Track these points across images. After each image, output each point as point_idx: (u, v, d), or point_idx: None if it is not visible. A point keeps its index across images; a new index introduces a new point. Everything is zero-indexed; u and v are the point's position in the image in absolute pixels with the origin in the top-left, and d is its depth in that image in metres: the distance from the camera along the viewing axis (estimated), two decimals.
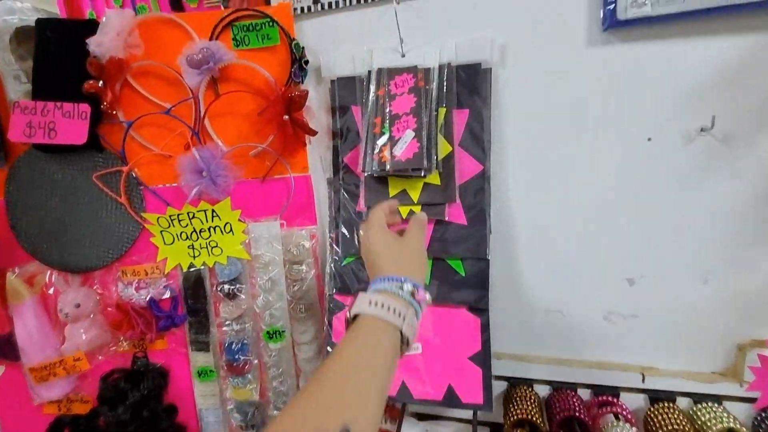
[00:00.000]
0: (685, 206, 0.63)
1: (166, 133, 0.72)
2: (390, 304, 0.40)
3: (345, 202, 0.71)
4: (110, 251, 0.73)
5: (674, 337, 0.68)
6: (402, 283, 0.42)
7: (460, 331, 0.67)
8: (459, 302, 0.67)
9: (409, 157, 0.64)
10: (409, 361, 0.67)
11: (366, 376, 0.36)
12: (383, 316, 0.39)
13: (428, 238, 0.68)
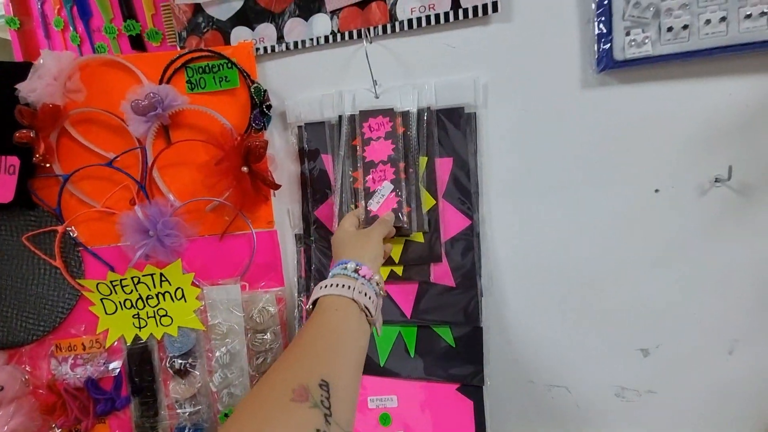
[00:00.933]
0: (703, 266, 0.55)
1: (110, 186, 0.63)
2: (338, 282, 0.43)
3: (317, 261, 0.63)
4: (42, 323, 0.63)
5: (697, 416, 0.58)
6: (346, 264, 0.46)
7: (450, 416, 0.57)
8: (449, 378, 0.57)
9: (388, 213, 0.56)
10: None
11: (335, 339, 0.39)
12: (334, 291, 0.42)
13: (412, 303, 0.59)
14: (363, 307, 0.42)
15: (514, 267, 0.60)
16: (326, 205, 0.63)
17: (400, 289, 0.60)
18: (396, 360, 0.59)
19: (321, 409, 0.31)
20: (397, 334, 0.60)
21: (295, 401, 0.30)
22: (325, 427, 0.30)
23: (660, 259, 0.56)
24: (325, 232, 0.63)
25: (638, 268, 0.57)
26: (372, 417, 0.59)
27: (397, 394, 0.59)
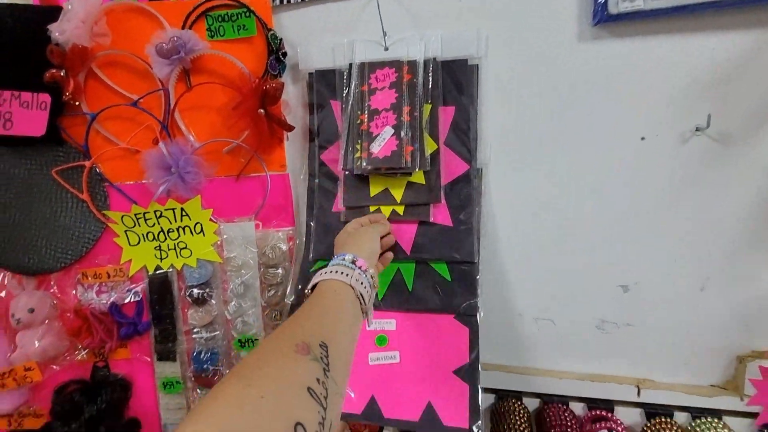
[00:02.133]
0: (681, 209, 0.60)
1: (133, 126, 0.67)
2: (336, 269, 0.47)
3: (321, 201, 0.67)
4: (69, 252, 0.68)
5: (671, 347, 0.64)
6: (344, 256, 0.49)
7: (446, 341, 0.61)
8: (444, 309, 0.61)
9: (387, 155, 0.60)
10: (383, 372, 0.60)
11: (333, 314, 0.42)
12: (333, 277, 0.46)
13: (412, 240, 0.63)
14: (358, 294, 0.46)
15: (508, 209, 0.65)
16: (333, 149, 0.66)
17: (400, 227, 0.64)
18: (394, 294, 0.63)
19: (320, 363, 0.33)
20: (396, 270, 0.63)
21: (298, 353, 0.33)
22: (324, 378, 0.32)
23: (642, 202, 0.61)
24: (329, 175, 0.66)
25: (622, 211, 0.62)
26: (369, 338, 0.63)
27: (396, 319, 0.63)
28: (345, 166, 0.63)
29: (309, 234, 0.67)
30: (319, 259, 0.65)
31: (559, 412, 0.62)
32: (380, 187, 0.64)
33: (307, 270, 0.65)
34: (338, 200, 0.66)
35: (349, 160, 0.62)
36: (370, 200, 0.64)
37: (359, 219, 0.60)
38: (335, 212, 0.66)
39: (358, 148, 0.61)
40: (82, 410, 0.66)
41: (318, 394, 0.31)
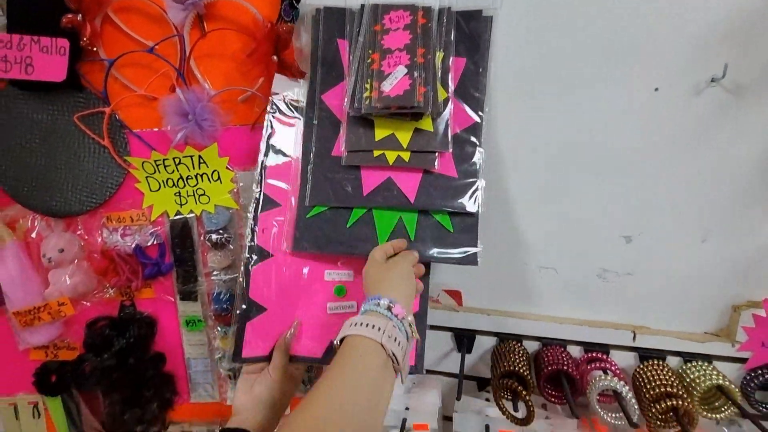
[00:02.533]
0: (689, 162, 0.61)
1: (150, 73, 0.68)
2: (369, 321, 0.43)
3: (319, 145, 0.64)
4: (94, 196, 0.71)
5: (669, 296, 0.67)
6: (379, 300, 0.46)
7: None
8: (445, 260, 0.61)
9: (399, 94, 0.58)
10: (341, 320, 0.55)
11: (350, 393, 0.40)
12: (363, 332, 0.43)
13: (416, 189, 0.62)
14: (390, 353, 0.42)
15: (515, 160, 0.66)
16: (335, 90, 0.64)
17: (404, 175, 0.62)
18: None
19: None
20: (398, 218, 0.62)
21: None
22: None
23: (651, 154, 0.62)
24: (330, 117, 0.64)
25: (630, 162, 0.62)
26: (328, 289, 0.63)
27: (353, 270, 0.63)
28: (352, 106, 0.61)
29: (305, 179, 0.63)
30: (317, 204, 0.62)
31: (557, 352, 0.65)
32: (386, 132, 0.62)
33: (304, 216, 0.63)
34: (339, 144, 0.63)
35: (357, 100, 0.60)
36: (375, 144, 0.62)
37: (383, 247, 0.57)
38: (335, 156, 0.63)
39: (368, 87, 0.59)
40: (112, 343, 0.71)
41: None
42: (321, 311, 0.62)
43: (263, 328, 0.60)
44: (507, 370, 0.62)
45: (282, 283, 0.62)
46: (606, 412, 0.62)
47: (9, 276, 0.72)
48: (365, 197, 0.61)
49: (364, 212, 0.61)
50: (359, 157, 0.62)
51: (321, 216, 0.62)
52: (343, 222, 0.61)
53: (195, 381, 0.81)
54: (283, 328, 0.60)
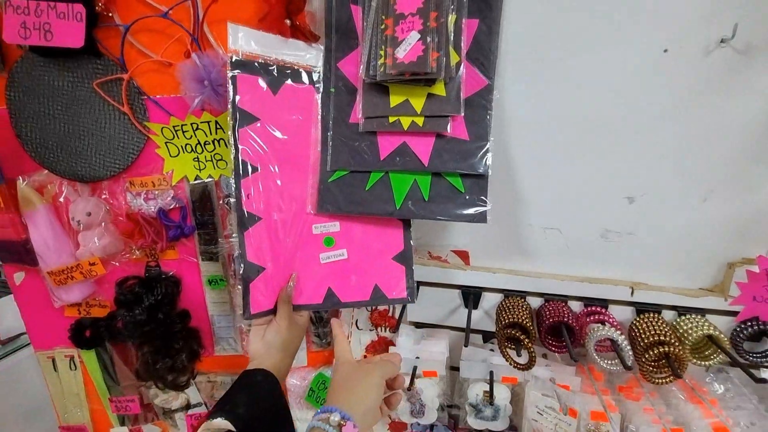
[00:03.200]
0: (695, 124, 0.62)
1: (165, 39, 0.69)
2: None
3: (337, 112, 0.67)
4: (117, 161, 0.74)
5: (667, 254, 0.70)
6: (329, 413, 0.45)
7: (384, 235, 0.69)
8: (457, 218, 0.64)
9: (413, 60, 0.60)
10: (335, 267, 0.68)
11: None
12: None
13: (429, 152, 0.65)
14: None
15: (521, 124, 0.67)
16: (351, 57, 0.65)
17: (418, 140, 0.64)
18: (410, 204, 0.65)
19: None
20: (413, 181, 0.65)
21: None
22: None
23: (658, 116, 0.63)
24: (346, 84, 0.66)
25: (636, 124, 0.64)
26: (318, 241, 0.68)
27: (340, 221, 0.68)
28: (367, 73, 0.62)
29: (326, 145, 0.67)
30: (338, 169, 0.66)
31: (558, 306, 0.70)
32: (401, 98, 0.64)
33: (326, 180, 0.66)
34: (356, 110, 0.66)
35: (372, 67, 0.62)
36: (390, 110, 0.64)
37: (372, 359, 0.59)
38: (352, 123, 0.66)
39: (382, 54, 0.61)
40: (142, 299, 0.76)
41: None
42: (315, 262, 0.68)
43: (265, 285, 0.65)
44: (511, 321, 0.66)
45: (274, 242, 0.66)
46: (602, 359, 0.66)
47: (41, 238, 0.76)
48: (382, 161, 0.64)
49: (381, 175, 0.65)
50: (375, 123, 0.64)
51: (341, 180, 0.66)
52: (362, 185, 0.65)
53: (218, 335, 0.87)
54: (282, 283, 0.66)
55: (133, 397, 0.92)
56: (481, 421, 0.73)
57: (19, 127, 0.73)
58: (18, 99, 0.72)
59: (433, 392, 0.72)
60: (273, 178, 0.66)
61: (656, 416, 0.62)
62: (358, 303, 0.70)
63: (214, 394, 0.93)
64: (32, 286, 0.84)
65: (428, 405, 0.73)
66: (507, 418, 0.72)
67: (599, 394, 0.66)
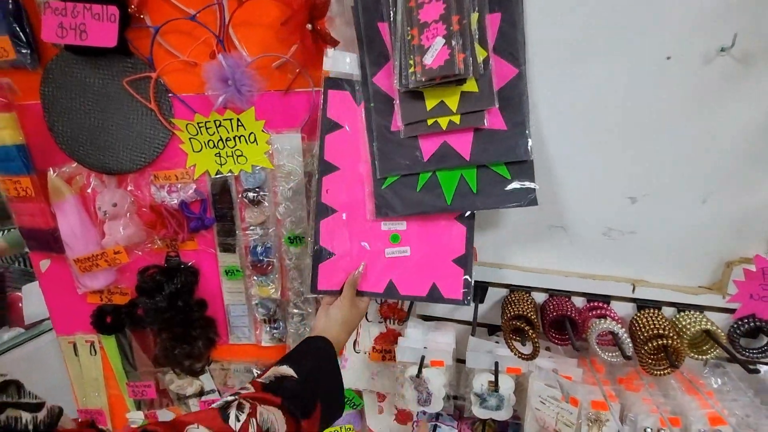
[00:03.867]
0: (695, 128, 0.65)
1: (192, 40, 0.73)
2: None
3: (379, 123, 0.70)
4: (143, 155, 0.78)
5: (668, 253, 0.73)
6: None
7: (447, 237, 0.71)
8: (510, 203, 0.67)
9: (441, 64, 0.62)
10: (398, 262, 0.72)
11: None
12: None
13: (470, 147, 0.67)
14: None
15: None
16: (384, 71, 0.69)
17: (457, 137, 0.67)
18: (462, 198, 0.68)
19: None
20: (459, 176, 0.68)
21: None
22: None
23: (660, 120, 0.66)
24: (383, 97, 0.69)
25: (640, 126, 0.67)
26: (385, 237, 0.73)
27: (406, 221, 0.72)
28: (401, 83, 0.66)
29: (373, 155, 0.70)
30: (388, 175, 0.70)
31: (562, 301, 0.72)
32: (436, 100, 0.67)
33: (380, 187, 0.71)
34: (396, 119, 0.69)
35: (404, 77, 0.65)
36: (428, 113, 0.67)
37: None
38: (394, 131, 0.69)
39: (412, 63, 0.64)
40: (163, 288, 0.80)
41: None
42: (380, 255, 0.73)
43: (332, 269, 0.74)
44: (516, 314, 0.69)
45: (345, 233, 0.73)
46: (604, 352, 0.69)
47: (69, 226, 0.80)
48: (426, 162, 0.68)
49: (429, 175, 0.68)
50: (415, 128, 0.67)
51: (394, 185, 0.70)
52: (413, 187, 0.69)
53: (233, 325, 0.90)
54: (348, 270, 0.73)
55: (150, 382, 0.96)
56: (486, 410, 0.76)
57: (52, 121, 0.77)
58: (51, 94, 0.76)
59: (440, 381, 0.75)
60: (351, 177, 0.73)
61: (654, 406, 0.65)
62: (415, 297, 0.75)
63: (227, 381, 0.96)
64: (57, 273, 0.88)
65: (435, 394, 0.76)
66: (511, 407, 0.75)
67: (600, 385, 0.68)
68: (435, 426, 0.82)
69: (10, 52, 0.72)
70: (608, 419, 0.65)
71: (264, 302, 0.85)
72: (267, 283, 0.83)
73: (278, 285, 0.84)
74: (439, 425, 0.82)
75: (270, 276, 0.83)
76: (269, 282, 0.83)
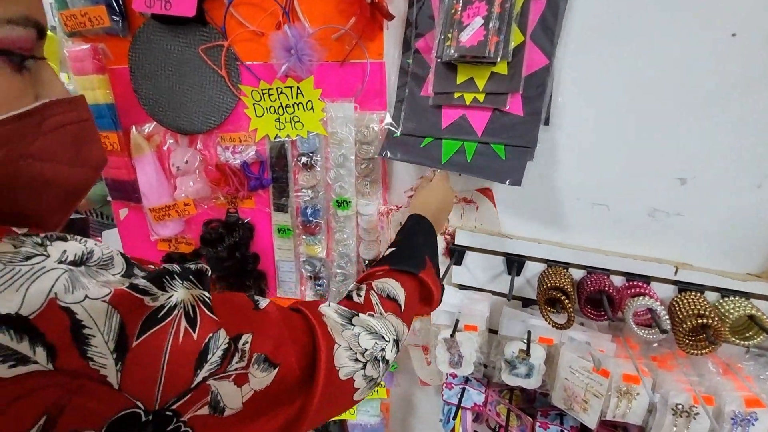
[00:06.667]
0: (753, 109, 0.63)
1: (260, 12, 0.79)
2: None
3: (412, 85, 0.76)
4: (212, 118, 0.86)
5: (716, 237, 0.71)
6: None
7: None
8: (494, 178, 0.71)
9: (473, 44, 0.66)
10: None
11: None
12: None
13: (484, 125, 0.71)
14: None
15: (577, 100, 0.70)
16: (427, 38, 0.73)
17: (476, 113, 0.71)
18: (455, 161, 0.73)
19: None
20: (460, 144, 0.73)
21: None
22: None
23: (719, 99, 0.64)
24: (421, 62, 0.74)
25: (697, 105, 0.65)
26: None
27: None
28: (437, 53, 0.70)
29: (399, 110, 0.77)
30: (406, 134, 0.77)
31: (600, 277, 0.73)
32: (466, 76, 0.71)
33: (392, 135, 0.78)
34: (427, 85, 0.74)
35: (440, 48, 0.69)
36: (456, 87, 0.71)
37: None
38: (424, 96, 0.75)
39: (450, 36, 0.68)
40: (224, 239, 0.89)
41: None
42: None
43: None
44: (553, 285, 0.71)
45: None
46: (639, 329, 0.70)
47: (147, 179, 0.90)
48: (442, 130, 0.72)
49: (434, 138, 0.72)
50: (443, 99, 0.72)
51: (403, 135, 0.76)
52: (418, 142, 0.74)
53: (281, 279, 0.98)
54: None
55: None
56: (515, 377, 0.79)
57: (137, 83, 0.86)
58: (137, 59, 0.85)
59: (472, 345, 0.79)
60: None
61: (688, 385, 0.65)
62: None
63: None
64: (134, 221, 0.99)
65: (466, 357, 0.80)
66: (540, 377, 0.77)
67: (633, 359, 0.69)
68: (464, 389, 0.86)
69: (105, 21, 0.82)
70: (639, 393, 0.66)
71: (310, 260, 0.92)
72: (314, 242, 0.90)
73: (324, 245, 0.91)
74: (467, 388, 0.86)
75: (317, 236, 0.90)
76: (316, 242, 0.90)
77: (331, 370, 0.39)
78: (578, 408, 0.73)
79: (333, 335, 0.41)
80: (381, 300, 0.51)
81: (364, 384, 0.43)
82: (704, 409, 0.62)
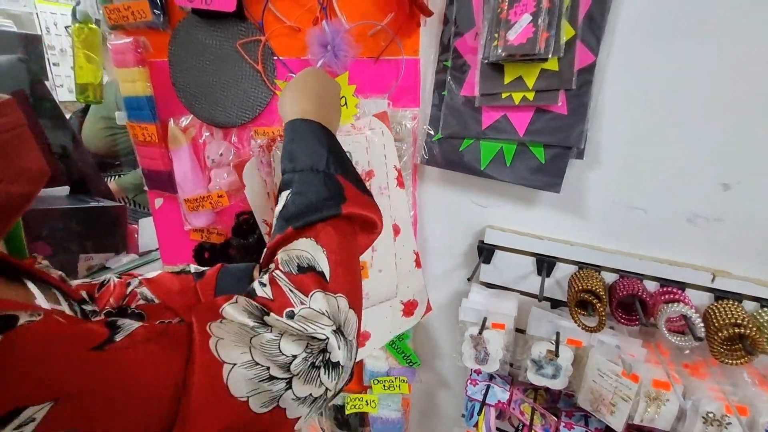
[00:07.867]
0: None
1: (297, 7, 0.80)
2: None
3: (451, 85, 0.76)
4: (247, 112, 0.87)
5: (756, 245, 0.69)
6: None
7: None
8: (532, 184, 0.71)
9: (522, 42, 0.65)
10: None
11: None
12: None
13: (526, 124, 0.71)
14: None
15: (619, 101, 0.69)
16: (467, 37, 0.72)
17: (518, 113, 0.71)
18: (495, 167, 0.74)
19: None
20: (499, 147, 0.73)
21: None
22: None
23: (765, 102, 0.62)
24: (460, 61, 0.74)
25: (744, 110, 0.64)
26: None
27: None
28: (484, 55, 0.69)
29: (437, 112, 0.77)
30: (446, 136, 0.77)
31: (633, 282, 0.72)
32: (514, 75, 0.69)
33: (431, 139, 0.78)
34: (468, 84, 0.73)
35: (487, 49, 0.68)
36: (504, 87, 0.70)
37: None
38: (463, 95, 0.74)
39: (496, 36, 0.67)
40: (254, 230, 0.91)
41: None
42: None
43: None
44: (584, 288, 0.71)
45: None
46: (672, 336, 0.69)
47: (182, 170, 0.93)
48: (483, 131, 0.72)
49: (473, 141, 0.73)
50: (489, 99, 0.71)
51: (442, 140, 0.75)
52: (457, 145, 0.74)
53: None
54: None
55: None
56: (541, 377, 0.79)
57: (175, 76, 0.88)
58: (177, 53, 0.87)
59: (499, 343, 0.79)
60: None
61: (721, 394, 0.65)
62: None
63: None
64: (168, 211, 1.03)
65: (492, 354, 0.80)
66: (566, 378, 0.77)
67: (664, 365, 0.69)
68: (488, 386, 0.87)
69: (148, 15, 0.84)
70: (668, 399, 0.66)
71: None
72: None
73: None
74: (492, 386, 0.87)
75: None
76: None
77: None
78: (605, 410, 0.73)
79: (222, 353, 0.31)
80: (292, 279, 0.37)
81: (305, 409, 0.33)
82: (738, 419, 0.62)
